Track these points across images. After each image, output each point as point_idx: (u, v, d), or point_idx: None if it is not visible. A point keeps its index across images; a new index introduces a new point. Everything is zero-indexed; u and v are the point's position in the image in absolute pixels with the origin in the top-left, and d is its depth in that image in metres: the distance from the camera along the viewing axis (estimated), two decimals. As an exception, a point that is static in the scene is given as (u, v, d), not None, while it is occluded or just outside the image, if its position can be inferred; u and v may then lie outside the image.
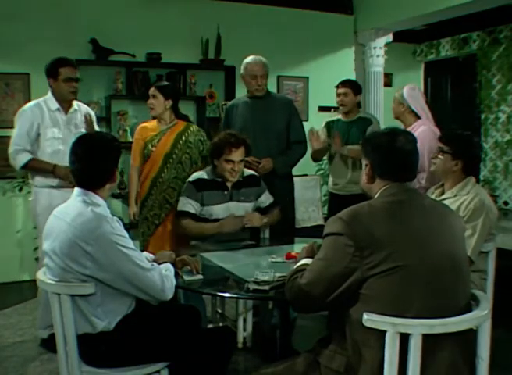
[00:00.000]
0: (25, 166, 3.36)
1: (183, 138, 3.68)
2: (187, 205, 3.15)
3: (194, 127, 3.82)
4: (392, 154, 1.85)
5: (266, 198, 3.36)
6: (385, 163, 1.86)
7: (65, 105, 3.44)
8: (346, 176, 4.01)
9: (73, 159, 2.13)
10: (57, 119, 3.41)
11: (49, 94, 3.44)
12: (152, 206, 3.63)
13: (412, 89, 3.70)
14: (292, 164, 3.90)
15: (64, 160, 3.29)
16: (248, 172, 3.36)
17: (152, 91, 3.66)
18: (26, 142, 3.33)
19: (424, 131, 3.48)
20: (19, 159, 3.33)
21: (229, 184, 3.22)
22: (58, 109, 3.41)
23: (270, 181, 3.50)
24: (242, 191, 3.25)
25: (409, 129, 3.50)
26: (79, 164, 2.11)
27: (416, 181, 3.38)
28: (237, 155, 3.13)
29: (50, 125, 3.37)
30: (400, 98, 3.66)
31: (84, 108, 3.60)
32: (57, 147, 3.36)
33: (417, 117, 3.63)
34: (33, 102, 3.45)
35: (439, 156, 2.78)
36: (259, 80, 3.74)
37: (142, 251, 2.72)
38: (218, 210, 3.19)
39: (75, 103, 3.51)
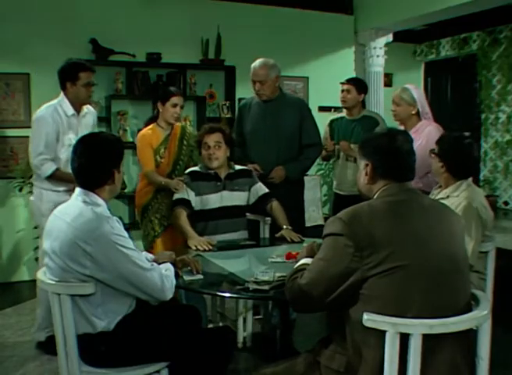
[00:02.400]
0: (51, 176, 3.27)
1: (185, 142, 3.71)
2: (184, 192, 3.22)
3: (190, 128, 3.88)
4: (393, 153, 1.86)
5: (260, 188, 3.38)
6: (387, 163, 1.86)
7: (78, 108, 3.36)
8: (351, 177, 3.97)
9: (73, 157, 2.13)
10: (72, 124, 3.33)
11: (62, 98, 3.31)
12: (159, 209, 3.62)
13: (417, 89, 3.61)
14: (305, 169, 3.88)
15: None
16: (240, 167, 3.40)
17: (181, 99, 3.61)
18: (51, 150, 3.24)
19: (431, 131, 3.40)
20: (46, 169, 3.24)
21: (222, 175, 3.28)
22: (73, 115, 3.32)
23: (280, 184, 3.50)
24: (235, 181, 3.31)
25: (413, 130, 3.43)
26: (77, 162, 2.11)
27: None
28: (211, 138, 3.24)
29: (67, 131, 3.29)
30: (410, 100, 3.51)
31: (92, 110, 3.55)
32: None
33: (419, 118, 3.54)
34: (50, 107, 3.29)
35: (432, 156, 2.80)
36: (257, 85, 3.69)
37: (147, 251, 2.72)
38: (212, 199, 3.25)
39: (85, 106, 3.44)
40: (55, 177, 3.29)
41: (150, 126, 3.69)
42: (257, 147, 3.74)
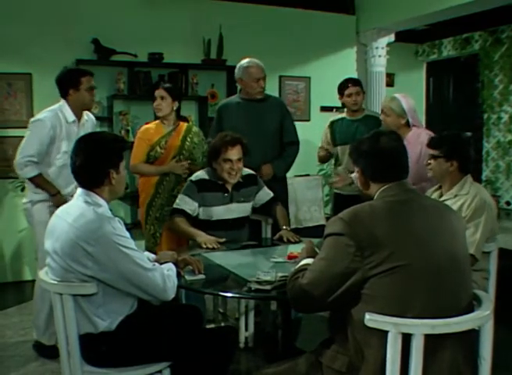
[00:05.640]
0: (30, 179, 3.26)
1: (189, 139, 3.75)
2: (184, 204, 3.16)
3: (196, 128, 3.92)
4: (377, 155, 1.88)
5: (264, 195, 3.37)
6: (372, 166, 1.88)
7: (79, 115, 3.34)
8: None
9: (71, 156, 2.13)
10: (71, 131, 3.30)
11: (63, 104, 3.29)
12: (161, 204, 3.68)
13: (406, 98, 3.50)
14: (289, 167, 3.96)
15: (70, 174, 3.29)
16: (246, 171, 3.34)
17: (161, 92, 3.66)
18: (40, 155, 3.21)
19: (425, 138, 3.36)
20: (28, 171, 3.21)
21: (229, 186, 3.22)
22: (74, 121, 3.30)
23: (266, 182, 3.51)
24: (241, 192, 3.27)
25: (405, 142, 3.42)
26: (76, 161, 2.11)
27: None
28: (234, 153, 3.13)
29: (65, 138, 3.26)
30: (400, 111, 3.42)
31: (92, 117, 3.55)
32: (67, 160, 3.27)
33: (409, 127, 3.45)
34: (50, 112, 3.26)
35: (432, 162, 2.79)
36: (262, 82, 3.76)
37: (154, 251, 2.72)
38: (219, 212, 3.20)
39: (84, 113, 3.43)
40: (33, 181, 3.27)
41: (154, 122, 3.80)
42: None
